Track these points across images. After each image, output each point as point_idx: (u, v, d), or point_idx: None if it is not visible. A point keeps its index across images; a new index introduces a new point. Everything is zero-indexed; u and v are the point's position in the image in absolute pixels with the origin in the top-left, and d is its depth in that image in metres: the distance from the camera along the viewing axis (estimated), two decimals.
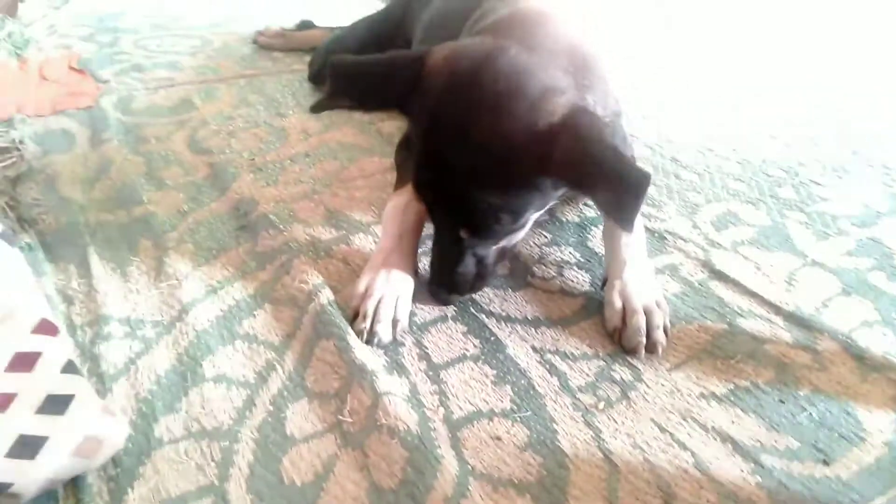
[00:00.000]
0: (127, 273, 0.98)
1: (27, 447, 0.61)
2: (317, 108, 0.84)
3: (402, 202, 0.97)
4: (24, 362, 0.66)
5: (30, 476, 0.60)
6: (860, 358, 0.87)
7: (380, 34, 1.58)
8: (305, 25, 2.01)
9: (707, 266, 1.04)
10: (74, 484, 0.67)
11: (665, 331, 0.88)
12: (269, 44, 1.95)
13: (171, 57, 1.85)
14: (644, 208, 1.19)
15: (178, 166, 1.27)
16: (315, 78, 1.66)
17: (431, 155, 0.79)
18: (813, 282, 1.02)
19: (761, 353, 0.88)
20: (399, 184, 1.05)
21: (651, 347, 0.86)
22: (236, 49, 1.95)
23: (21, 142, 1.29)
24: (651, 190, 1.27)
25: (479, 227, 0.82)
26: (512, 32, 0.85)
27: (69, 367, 0.68)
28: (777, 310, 0.95)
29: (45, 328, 0.70)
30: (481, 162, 0.75)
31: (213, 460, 0.71)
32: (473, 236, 0.84)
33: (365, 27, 1.66)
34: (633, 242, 0.96)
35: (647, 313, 0.87)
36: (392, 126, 1.47)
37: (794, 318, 0.94)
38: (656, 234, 1.12)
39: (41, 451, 0.61)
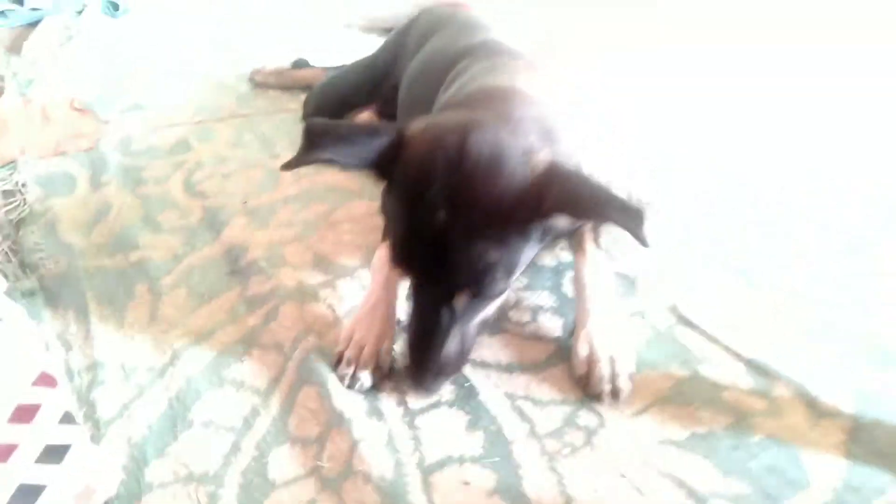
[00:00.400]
0: (123, 318, 1.03)
1: (27, 496, 0.66)
2: (289, 166, 0.82)
3: (387, 254, 1.03)
4: (24, 414, 0.71)
5: None
6: (812, 404, 0.92)
7: (371, 78, 1.65)
8: (300, 64, 2.08)
9: (675, 312, 1.10)
10: None
11: (629, 378, 0.93)
12: (266, 82, 2.02)
13: (169, 95, 1.92)
14: (615, 253, 1.25)
15: (173, 209, 1.33)
16: (307, 119, 1.73)
17: (419, 225, 0.79)
18: (777, 326, 1.07)
19: (720, 399, 0.93)
20: (386, 233, 1.11)
21: (615, 394, 0.91)
22: (233, 87, 2.02)
23: (24, 185, 1.35)
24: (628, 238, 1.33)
25: (479, 286, 0.82)
26: (485, 105, 0.91)
27: (66, 418, 0.73)
28: (737, 356, 1.00)
29: (45, 380, 0.75)
30: (478, 221, 0.78)
31: None
32: (474, 297, 0.84)
33: (357, 71, 1.72)
34: (601, 292, 1.01)
35: (612, 362, 0.92)
36: None
37: (753, 365, 0.99)
38: (628, 280, 1.18)
39: (40, 499, 0.67)
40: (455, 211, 0.78)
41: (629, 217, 0.76)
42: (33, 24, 2.54)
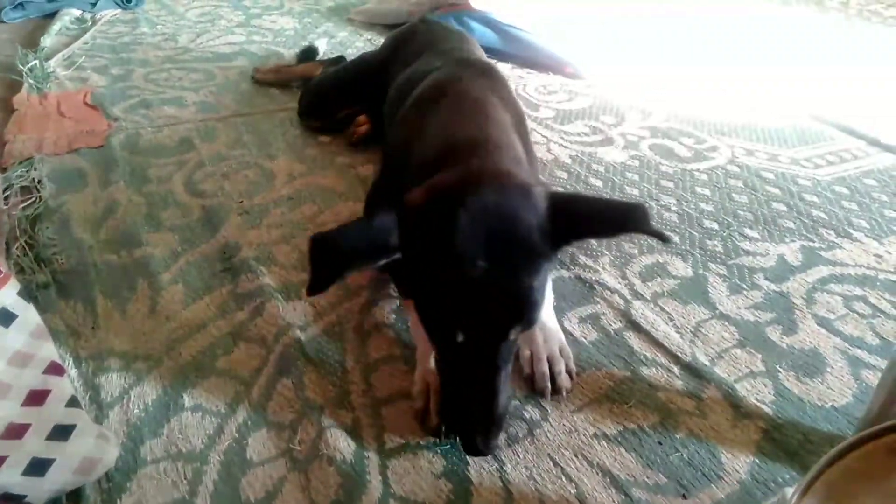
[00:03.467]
0: (126, 311, 1.15)
1: (38, 467, 0.78)
2: (311, 293, 0.83)
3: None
4: (36, 398, 0.83)
5: (40, 490, 0.78)
6: (736, 406, 1.03)
7: (362, 79, 1.75)
8: (307, 52, 2.19)
9: (625, 316, 1.20)
10: (75, 494, 0.84)
11: (570, 374, 1.04)
12: (266, 79, 2.12)
13: (176, 92, 2.03)
14: (580, 258, 1.35)
15: (175, 207, 1.45)
16: (303, 114, 1.84)
17: (463, 281, 0.80)
18: (715, 333, 1.18)
19: (653, 399, 1.04)
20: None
21: (556, 390, 1.02)
22: (236, 84, 2.12)
23: (39, 182, 1.47)
24: (592, 242, 1.43)
25: (528, 314, 0.84)
26: (467, 154, 0.95)
27: (72, 402, 0.85)
28: (676, 360, 1.11)
29: (54, 369, 0.88)
30: (515, 259, 0.81)
31: (185, 478, 0.88)
32: (523, 329, 0.86)
33: (350, 71, 1.83)
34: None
35: (551, 361, 1.03)
36: (369, 170, 1.63)
37: (689, 368, 1.09)
38: (587, 284, 1.28)
39: (49, 470, 0.79)
40: (494, 257, 0.80)
41: (636, 216, 0.85)
42: (50, 16, 2.66)
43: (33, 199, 1.42)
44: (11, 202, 1.39)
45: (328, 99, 1.81)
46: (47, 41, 2.35)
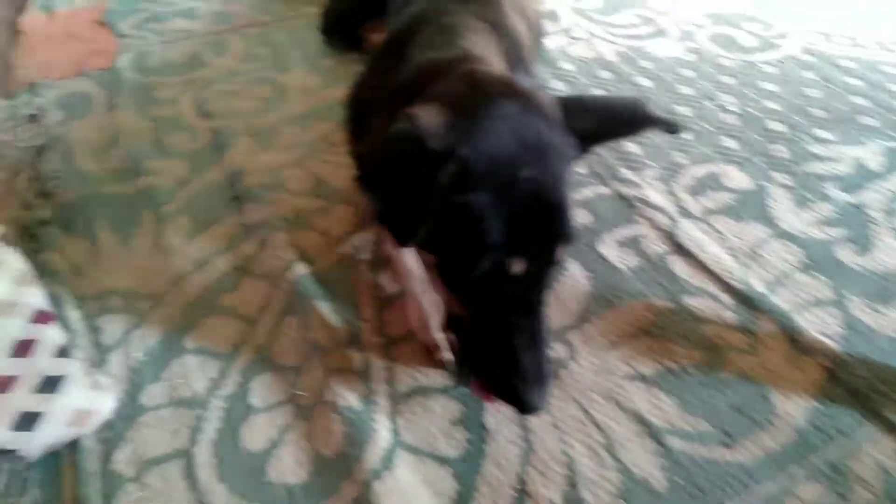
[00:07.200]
0: (129, 246, 1.09)
1: (27, 421, 0.75)
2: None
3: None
4: (23, 349, 0.78)
5: (30, 444, 0.75)
6: (794, 340, 0.90)
7: None
8: None
9: (670, 238, 1.07)
10: (75, 445, 0.81)
11: None
12: None
13: (188, 3, 1.89)
14: (621, 172, 1.20)
15: (183, 132, 1.35)
16: (326, 30, 1.68)
17: (512, 204, 0.71)
18: (776, 255, 1.03)
19: (698, 333, 0.92)
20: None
21: None
22: None
23: (45, 109, 1.40)
24: (637, 150, 1.27)
25: (571, 227, 0.75)
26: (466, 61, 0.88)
27: (62, 352, 0.80)
28: (727, 287, 0.98)
29: (42, 317, 0.82)
30: (552, 169, 0.75)
31: (186, 426, 0.83)
32: (568, 245, 0.76)
33: None
34: None
35: None
36: None
37: (741, 297, 0.96)
38: (627, 202, 1.14)
39: (39, 423, 0.75)
40: (535, 171, 0.73)
41: (641, 109, 0.81)
42: None
43: (39, 128, 1.35)
44: (18, 132, 1.33)
45: (351, 12, 1.64)
46: None
